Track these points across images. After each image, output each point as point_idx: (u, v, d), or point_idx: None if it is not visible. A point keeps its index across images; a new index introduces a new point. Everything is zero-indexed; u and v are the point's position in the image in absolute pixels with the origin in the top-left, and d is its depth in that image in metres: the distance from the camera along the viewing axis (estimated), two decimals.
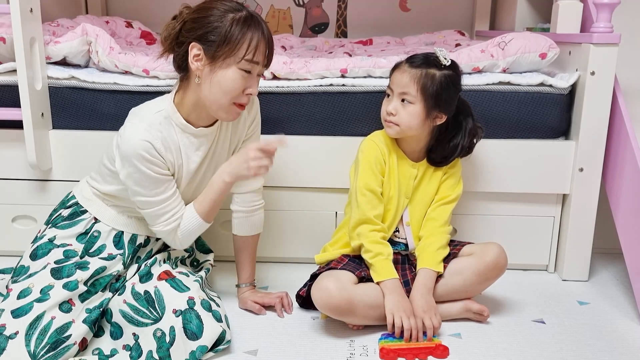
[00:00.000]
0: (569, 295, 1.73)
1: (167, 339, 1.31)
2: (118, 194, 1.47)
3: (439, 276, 1.54)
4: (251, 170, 1.38)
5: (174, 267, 1.51)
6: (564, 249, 1.81)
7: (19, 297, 1.33)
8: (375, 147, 1.56)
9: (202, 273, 1.57)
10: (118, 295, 1.43)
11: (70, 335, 1.30)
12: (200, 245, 1.74)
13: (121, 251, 1.49)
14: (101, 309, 1.39)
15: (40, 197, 1.85)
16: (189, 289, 1.40)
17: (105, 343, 1.39)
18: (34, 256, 1.44)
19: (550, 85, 1.74)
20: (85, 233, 1.48)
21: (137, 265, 1.52)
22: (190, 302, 1.35)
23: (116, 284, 1.47)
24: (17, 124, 1.72)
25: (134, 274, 1.49)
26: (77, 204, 1.52)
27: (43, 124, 1.76)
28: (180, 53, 1.37)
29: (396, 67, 1.55)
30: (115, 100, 1.77)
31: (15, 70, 1.69)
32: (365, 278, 1.51)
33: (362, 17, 2.95)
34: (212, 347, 1.36)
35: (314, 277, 1.54)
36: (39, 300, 1.31)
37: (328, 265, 1.55)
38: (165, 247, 1.61)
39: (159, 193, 1.38)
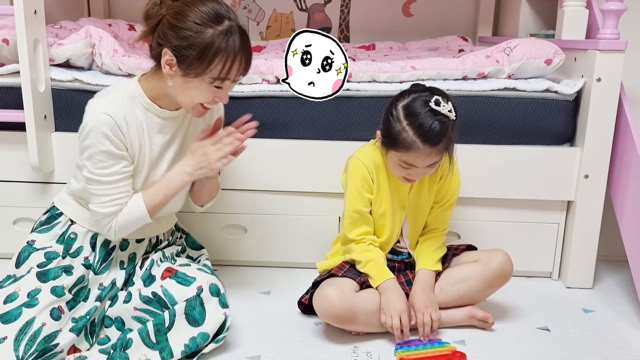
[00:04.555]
0: (574, 303, 1.72)
1: (167, 323, 1.31)
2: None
3: (438, 274, 1.55)
4: (215, 165, 1.38)
5: (173, 262, 1.49)
6: (569, 256, 1.80)
7: (5, 302, 1.31)
8: (362, 166, 1.53)
9: (207, 262, 1.57)
10: (123, 302, 1.41)
11: (58, 344, 1.29)
12: (191, 242, 1.71)
13: (95, 252, 1.48)
14: (88, 317, 1.37)
15: (41, 199, 1.83)
16: (194, 278, 1.38)
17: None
18: (17, 264, 1.43)
19: (556, 92, 1.74)
20: (62, 235, 1.47)
21: (124, 270, 1.49)
22: (199, 290, 1.34)
23: (102, 292, 1.44)
24: (20, 126, 1.71)
25: (125, 280, 1.47)
26: (53, 207, 1.52)
27: (46, 126, 1.75)
28: (155, 48, 1.34)
29: (412, 148, 1.40)
30: None
31: (18, 72, 1.68)
32: (366, 284, 1.51)
33: (365, 22, 2.95)
34: (214, 337, 1.35)
35: (315, 284, 1.54)
36: (27, 305, 1.30)
37: (329, 272, 1.54)
38: (153, 248, 1.57)
39: (105, 174, 1.34)
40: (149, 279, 1.43)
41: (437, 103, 1.38)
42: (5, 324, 1.27)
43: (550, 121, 1.74)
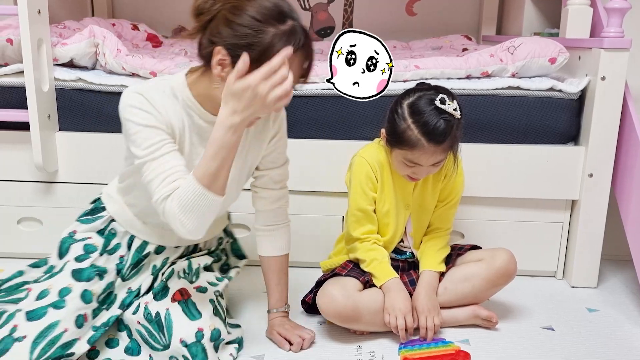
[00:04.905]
0: (578, 302, 1.72)
1: None
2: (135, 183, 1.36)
3: (442, 275, 1.55)
4: (274, 106, 1.14)
5: (193, 279, 1.44)
6: (573, 255, 1.80)
7: (37, 299, 1.29)
8: (366, 164, 1.52)
9: (224, 282, 1.50)
10: (132, 313, 1.37)
11: (73, 354, 1.26)
12: (236, 249, 1.66)
13: (129, 254, 1.43)
14: (106, 328, 1.34)
15: (45, 199, 1.84)
16: (200, 315, 1.32)
17: (117, 355, 1.35)
18: (60, 255, 1.41)
19: (560, 90, 1.73)
20: (103, 230, 1.44)
21: (152, 276, 1.44)
22: (199, 334, 1.28)
23: (126, 299, 1.40)
24: (24, 126, 1.72)
25: (148, 288, 1.43)
26: (99, 199, 1.48)
27: (50, 126, 1.75)
28: (206, 46, 1.18)
29: (417, 147, 1.39)
30: None
31: (22, 72, 1.68)
32: (369, 284, 1.51)
33: (369, 21, 2.94)
34: None
35: (319, 283, 1.54)
36: (55, 305, 1.28)
37: (333, 271, 1.54)
38: (189, 253, 1.52)
39: (152, 151, 1.19)
40: (161, 292, 1.38)
41: (443, 101, 1.38)
42: (29, 321, 1.25)
43: (554, 120, 1.74)
